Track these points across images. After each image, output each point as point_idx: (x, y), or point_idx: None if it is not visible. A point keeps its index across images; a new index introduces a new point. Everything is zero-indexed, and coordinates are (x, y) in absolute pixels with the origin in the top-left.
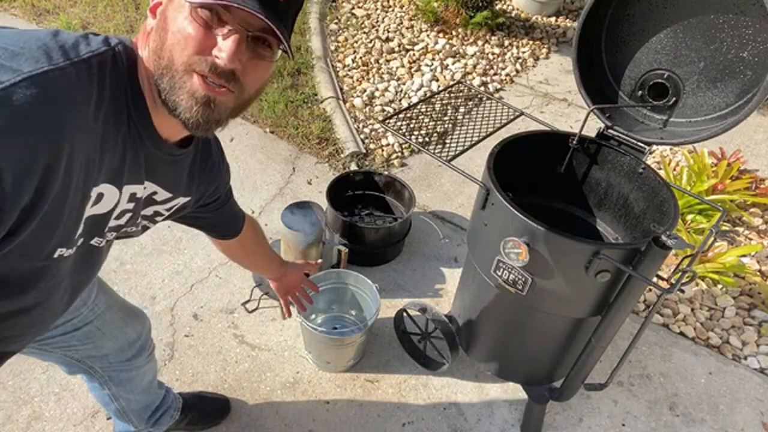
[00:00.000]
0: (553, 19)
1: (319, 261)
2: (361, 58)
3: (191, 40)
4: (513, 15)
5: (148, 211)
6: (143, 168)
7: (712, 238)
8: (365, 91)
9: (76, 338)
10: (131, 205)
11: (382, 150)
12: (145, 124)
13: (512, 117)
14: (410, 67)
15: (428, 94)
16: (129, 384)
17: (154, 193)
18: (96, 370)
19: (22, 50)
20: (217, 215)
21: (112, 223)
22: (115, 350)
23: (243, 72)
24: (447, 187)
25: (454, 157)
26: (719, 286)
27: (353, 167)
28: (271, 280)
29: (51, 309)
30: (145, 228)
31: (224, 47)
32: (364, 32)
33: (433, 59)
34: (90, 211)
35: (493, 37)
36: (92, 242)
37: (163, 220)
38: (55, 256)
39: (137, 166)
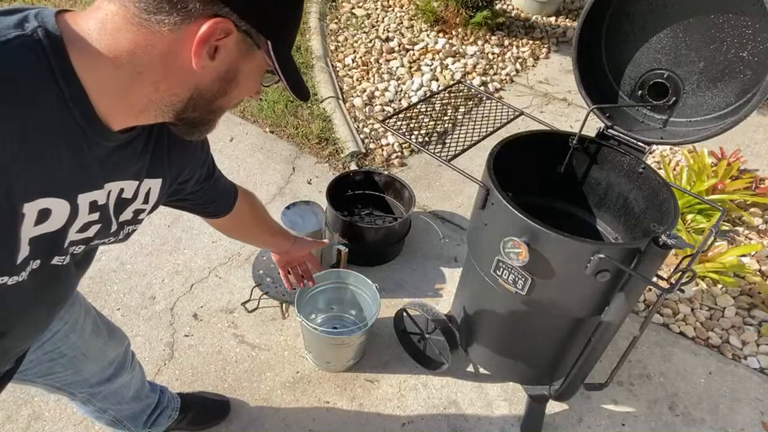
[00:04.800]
0: (553, 18)
1: (325, 240)
2: (361, 57)
3: (255, 93)
4: (513, 15)
5: (127, 214)
6: (97, 169)
7: (712, 238)
8: (365, 90)
9: (60, 365)
10: (95, 216)
11: (382, 150)
12: (89, 119)
13: (512, 117)
14: (410, 67)
15: (428, 93)
16: (114, 397)
17: (122, 191)
18: (75, 395)
19: None
20: (202, 195)
21: (75, 237)
22: (95, 372)
23: None
24: (447, 187)
25: (454, 156)
26: (719, 286)
27: (353, 167)
28: (274, 252)
29: (25, 332)
30: (131, 233)
31: (260, 89)
32: (364, 32)
33: (433, 59)
34: (35, 230)
35: (493, 37)
36: (53, 262)
37: (150, 211)
38: None
39: (87, 169)
